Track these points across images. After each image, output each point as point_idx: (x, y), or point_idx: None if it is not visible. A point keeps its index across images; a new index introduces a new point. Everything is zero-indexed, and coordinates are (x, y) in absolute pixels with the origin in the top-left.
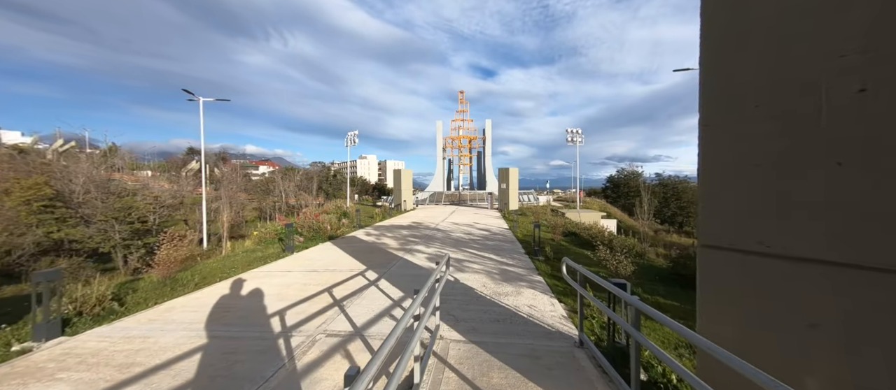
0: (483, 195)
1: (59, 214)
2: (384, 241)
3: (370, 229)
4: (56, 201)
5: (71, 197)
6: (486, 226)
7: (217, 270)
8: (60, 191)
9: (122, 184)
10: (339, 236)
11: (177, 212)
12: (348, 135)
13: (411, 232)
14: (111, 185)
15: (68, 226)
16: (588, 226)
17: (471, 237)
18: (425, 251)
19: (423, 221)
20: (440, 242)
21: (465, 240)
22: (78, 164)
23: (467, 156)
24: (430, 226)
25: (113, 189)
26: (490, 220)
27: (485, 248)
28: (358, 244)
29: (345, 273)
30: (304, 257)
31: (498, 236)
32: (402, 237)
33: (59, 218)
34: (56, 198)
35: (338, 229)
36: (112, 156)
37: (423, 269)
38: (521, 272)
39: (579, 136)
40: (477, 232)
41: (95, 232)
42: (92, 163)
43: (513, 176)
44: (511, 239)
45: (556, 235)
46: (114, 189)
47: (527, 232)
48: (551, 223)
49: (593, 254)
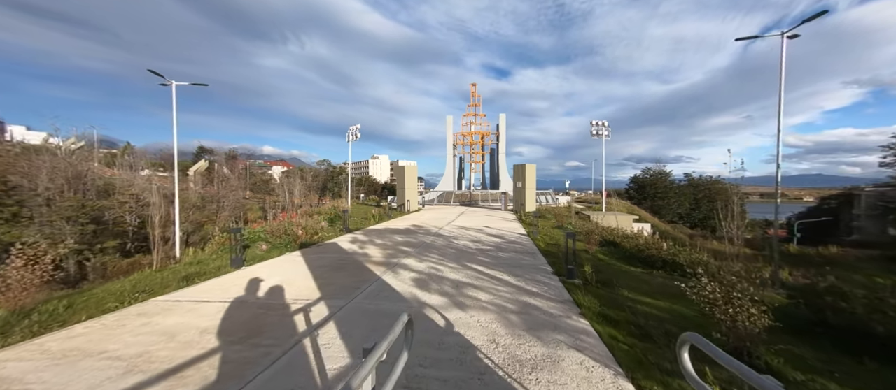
0: (496, 195)
1: (8, 213)
2: (367, 252)
3: (358, 234)
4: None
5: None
6: (499, 230)
7: (115, 294)
8: (17, 185)
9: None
10: (315, 243)
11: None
12: (350, 130)
13: (406, 238)
14: (87, 180)
15: (22, 226)
16: (630, 234)
17: (479, 246)
18: (414, 269)
19: (425, 224)
20: (437, 254)
21: (470, 252)
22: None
23: (480, 154)
24: (432, 231)
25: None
26: (504, 224)
27: (497, 264)
28: (331, 256)
29: (282, 307)
30: (248, 275)
31: (514, 245)
32: (392, 246)
33: (7, 218)
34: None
35: (314, 235)
36: (126, 155)
37: (398, 303)
38: (553, 310)
39: (606, 129)
40: (487, 239)
41: (38, 234)
42: (70, 157)
43: (530, 173)
44: (531, 248)
45: (589, 245)
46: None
47: (550, 239)
48: (580, 229)
49: (668, 278)
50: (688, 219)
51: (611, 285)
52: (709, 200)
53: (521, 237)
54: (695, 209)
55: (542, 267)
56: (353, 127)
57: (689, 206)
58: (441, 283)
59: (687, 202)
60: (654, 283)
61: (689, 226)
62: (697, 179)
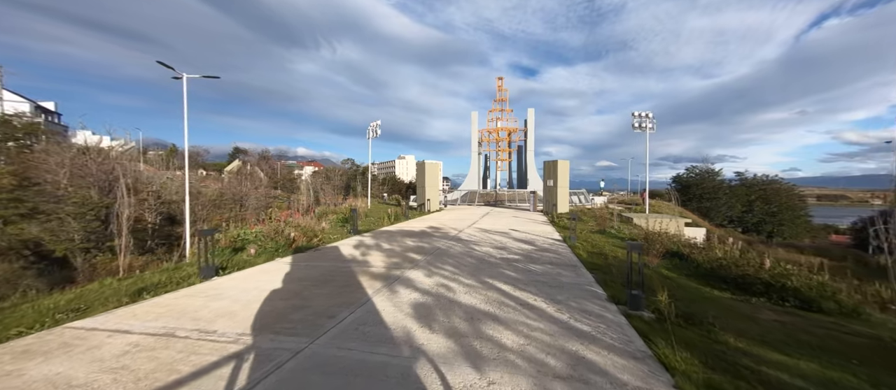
0: (524, 195)
1: (25, 209)
2: (368, 260)
3: (366, 237)
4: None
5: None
6: (529, 234)
7: (41, 311)
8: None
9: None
10: (314, 247)
11: None
12: (370, 127)
13: (418, 243)
14: (112, 178)
15: (39, 222)
16: (697, 243)
17: (504, 255)
18: (418, 286)
19: (443, 226)
20: (452, 266)
21: (493, 262)
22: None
23: (506, 151)
24: (450, 235)
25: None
26: (533, 226)
27: (528, 282)
28: (323, 264)
29: (210, 351)
30: (207, 291)
31: (548, 254)
32: (400, 253)
33: (25, 214)
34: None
35: (314, 238)
36: (172, 156)
37: (380, 348)
38: (624, 375)
39: (649, 121)
40: (515, 244)
41: (40, 229)
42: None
43: (562, 170)
44: (569, 259)
45: (651, 257)
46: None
47: (592, 246)
48: (631, 234)
49: (777, 309)
50: (739, 223)
51: (700, 323)
52: (765, 202)
53: (556, 244)
54: (748, 212)
55: (589, 287)
56: (373, 123)
57: (742, 209)
58: (450, 312)
59: (740, 204)
60: (764, 321)
61: (740, 231)
62: (751, 179)
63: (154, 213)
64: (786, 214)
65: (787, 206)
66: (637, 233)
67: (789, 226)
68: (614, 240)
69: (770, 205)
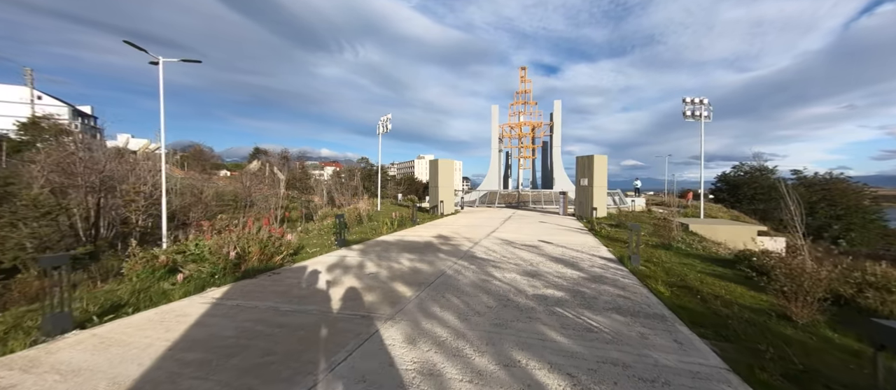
0: (550, 195)
1: None
2: (333, 297)
3: (352, 252)
4: None
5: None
6: (567, 249)
7: None
8: None
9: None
10: (273, 268)
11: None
12: (380, 121)
13: (417, 264)
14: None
15: None
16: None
17: (538, 290)
18: (394, 366)
19: (455, 236)
20: (458, 312)
21: (523, 307)
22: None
23: (530, 148)
24: (461, 249)
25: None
26: (570, 236)
27: (592, 364)
28: (261, 307)
29: None
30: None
31: (607, 288)
32: (384, 282)
33: None
34: None
35: (274, 256)
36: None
37: None
38: None
39: (705, 108)
40: (552, 269)
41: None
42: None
43: (599, 167)
44: (645, 300)
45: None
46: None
47: (666, 274)
48: (713, 254)
49: None
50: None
51: None
52: (829, 204)
53: (610, 266)
54: (808, 214)
55: (721, 386)
56: (384, 118)
57: (803, 211)
58: None
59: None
60: None
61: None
62: (812, 178)
63: (143, 215)
64: (855, 218)
65: (857, 209)
66: (722, 252)
67: (859, 230)
68: (693, 261)
69: (835, 208)
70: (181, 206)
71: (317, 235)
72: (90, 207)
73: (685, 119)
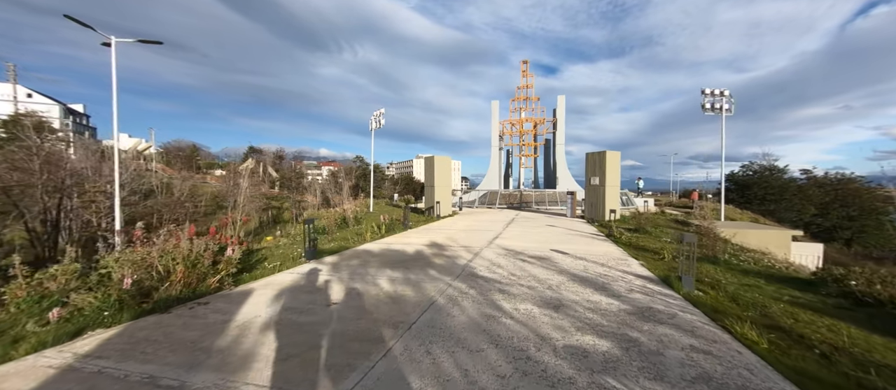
0: (555, 195)
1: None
2: (259, 346)
3: (323, 267)
4: None
5: None
6: (589, 262)
7: None
8: None
9: None
10: (204, 293)
11: None
12: (373, 116)
13: (399, 288)
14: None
15: None
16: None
17: (568, 337)
18: None
19: (452, 243)
20: (447, 386)
21: (551, 377)
22: None
23: (532, 146)
24: (458, 263)
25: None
26: (586, 244)
27: None
28: (149, 365)
29: None
30: None
31: (666, 328)
32: (347, 320)
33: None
34: None
35: (205, 278)
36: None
37: None
38: None
39: (726, 101)
40: (578, 298)
41: None
42: None
43: (611, 164)
44: (735, 353)
45: None
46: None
47: (739, 307)
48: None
49: None
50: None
51: None
52: (842, 205)
53: (654, 290)
54: (820, 215)
55: None
56: (377, 112)
57: (815, 212)
58: None
59: (812, 206)
60: None
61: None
62: (823, 178)
63: (105, 217)
64: (869, 219)
65: (870, 210)
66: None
67: (873, 233)
68: (756, 280)
69: (849, 208)
70: (152, 208)
71: (291, 242)
72: (49, 209)
73: (704, 112)
